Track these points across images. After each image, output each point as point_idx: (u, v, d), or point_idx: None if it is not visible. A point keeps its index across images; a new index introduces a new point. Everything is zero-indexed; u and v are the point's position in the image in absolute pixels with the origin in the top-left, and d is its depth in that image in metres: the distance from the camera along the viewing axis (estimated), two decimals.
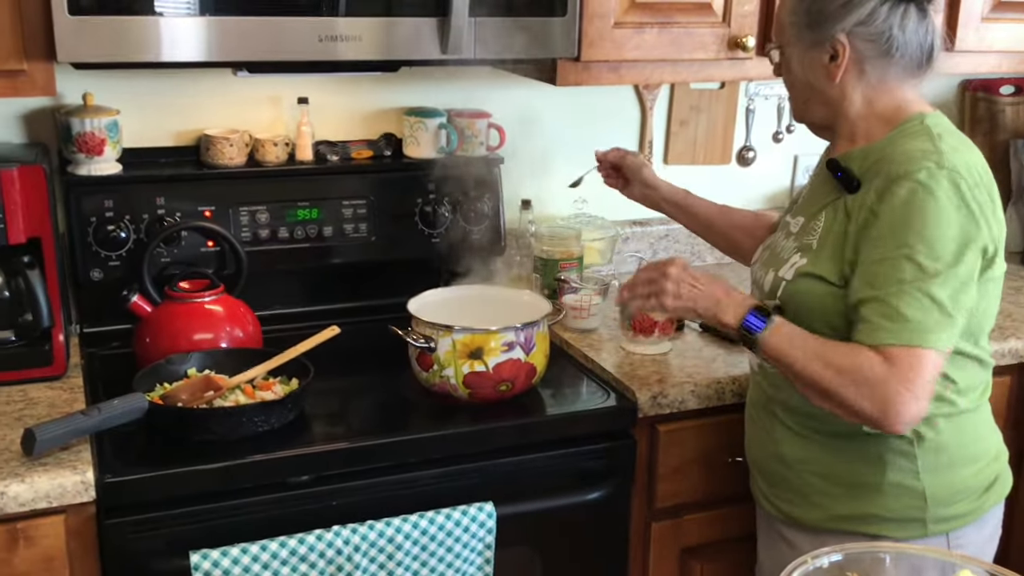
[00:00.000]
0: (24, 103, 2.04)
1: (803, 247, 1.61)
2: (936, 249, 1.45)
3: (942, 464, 1.59)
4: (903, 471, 1.59)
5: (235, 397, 1.73)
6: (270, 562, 1.56)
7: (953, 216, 1.46)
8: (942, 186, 1.46)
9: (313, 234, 2.16)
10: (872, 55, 1.54)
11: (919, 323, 1.44)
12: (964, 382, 1.60)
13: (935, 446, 1.59)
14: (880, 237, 1.48)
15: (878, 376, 1.44)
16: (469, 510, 1.68)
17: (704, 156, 2.62)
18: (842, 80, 1.56)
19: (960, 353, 1.56)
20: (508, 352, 1.79)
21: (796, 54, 1.59)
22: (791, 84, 1.63)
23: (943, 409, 1.58)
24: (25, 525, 1.52)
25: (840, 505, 1.63)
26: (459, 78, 2.34)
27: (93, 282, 2.03)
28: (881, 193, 1.49)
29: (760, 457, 1.76)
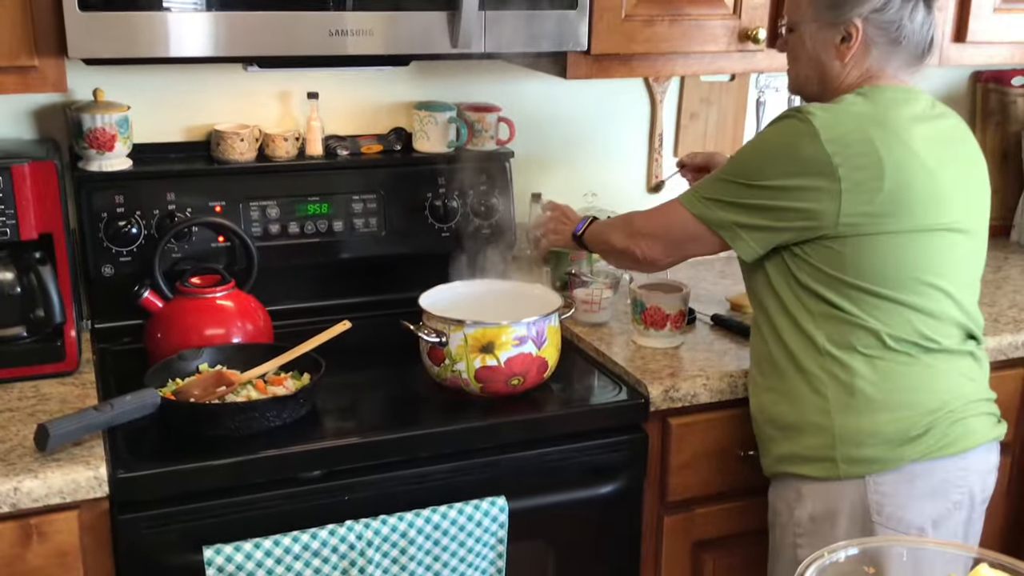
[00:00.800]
0: (35, 99, 2.04)
1: None
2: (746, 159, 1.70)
3: (853, 405, 1.66)
4: (816, 410, 1.68)
5: (247, 392, 1.73)
6: (283, 557, 1.56)
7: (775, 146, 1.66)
8: (787, 122, 1.65)
9: (323, 229, 2.16)
10: (880, 41, 1.67)
11: (698, 193, 1.73)
12: (893, 330, 1.65)
13: (847, 386, 1.66)
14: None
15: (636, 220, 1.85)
16: (481, 504, 1.68)
17: (714, 148, 2.61)
18: (849, 60, 1.69)
19: (884, 298, 1.64)
20: (520, 346, 1.79)
21: (811, 31, 1.70)
22: (796, 58, 1.75)
23: (862, 348, 1.65)
24: (39, 521, 1.52)
25: (778, 447, 1.75)
26: (469, 72, 2.33)
27: (104, 278, 2.03)
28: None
29: (756, 420, 1.85)
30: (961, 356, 1.71)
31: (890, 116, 1.64)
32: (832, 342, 1.67)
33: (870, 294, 1.64)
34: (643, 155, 2.57)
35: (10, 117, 2.04)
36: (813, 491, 1.70)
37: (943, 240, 1.66)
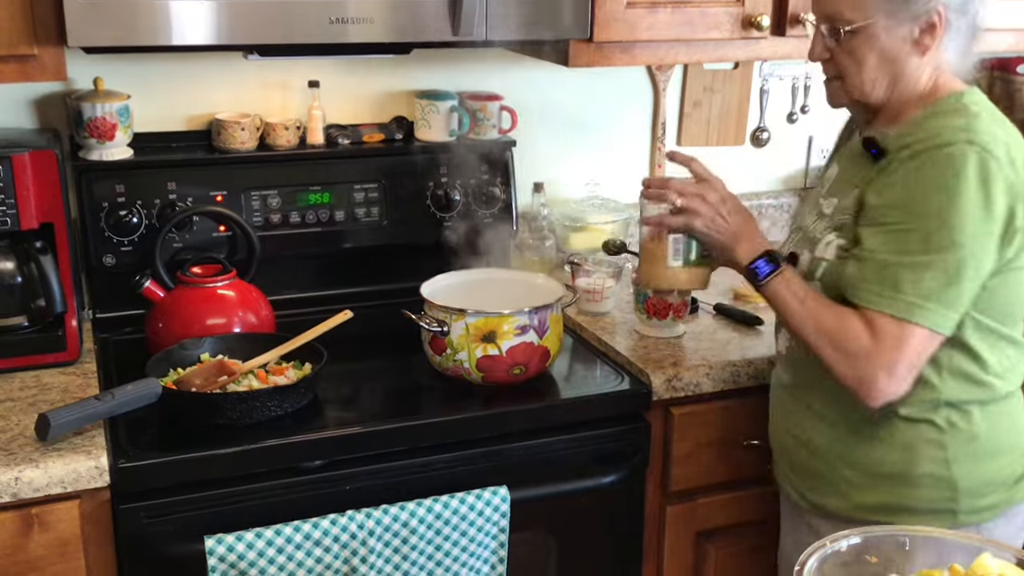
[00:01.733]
0: (35, 88, 2.03)
1: (838, 226, 1.57)
2: (951, 226, 1.42)
3: (974, 454, 1.54)
4: (934, 461, 1.54)
5: (248, 382, 1.73)
6: (284, 546, 1.56)
7: (975, 196, 1.42)
8: (969, 163, 1.42)
9: (325, 218, 2.15)
10: (960, 26, 1.51)
11: (916, 298, 1.43)
12: (1001, 365, 1.55)
13: (968, 435, 1.54)
14: (897, 204, 1.47)
15: (861, 348, 1.46)
16: (483, 494, 1.68)
17: (718, 137, 2.60)
18: (928, 56, 1.51)
19: (994, 333, 1.53)
20: (521, 335, 1.78)
21: (884, 28, 1.50)
22: (859, 61, 1.53)
23: (978, 395, 1.54)
24: (40, 510, 1.52)
25: (868, 495, 1.59)
26: (471, 60, 2.32)
27: (106, 267, 2.03)
28: (905, 163, 1.47)
29: (786, 442, 1.71)
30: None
31: (1016, 133, 1.52)
32: (956, 386, 1.53)
33: (996, 334, 1.53)
34: (646, 144, 2.56)
35: (10, 106, 2.03)
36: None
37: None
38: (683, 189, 1.64)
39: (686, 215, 1.63)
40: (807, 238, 1.64)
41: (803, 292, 1.54)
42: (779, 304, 1.55)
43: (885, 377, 1.45)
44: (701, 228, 1.62)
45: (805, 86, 2.63)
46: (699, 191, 1.64)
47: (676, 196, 1.63)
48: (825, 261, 1.56)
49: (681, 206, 1.63)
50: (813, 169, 2.71)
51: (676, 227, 1.65)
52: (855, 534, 1.07)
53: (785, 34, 2.12)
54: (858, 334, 1.46)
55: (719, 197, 1.64)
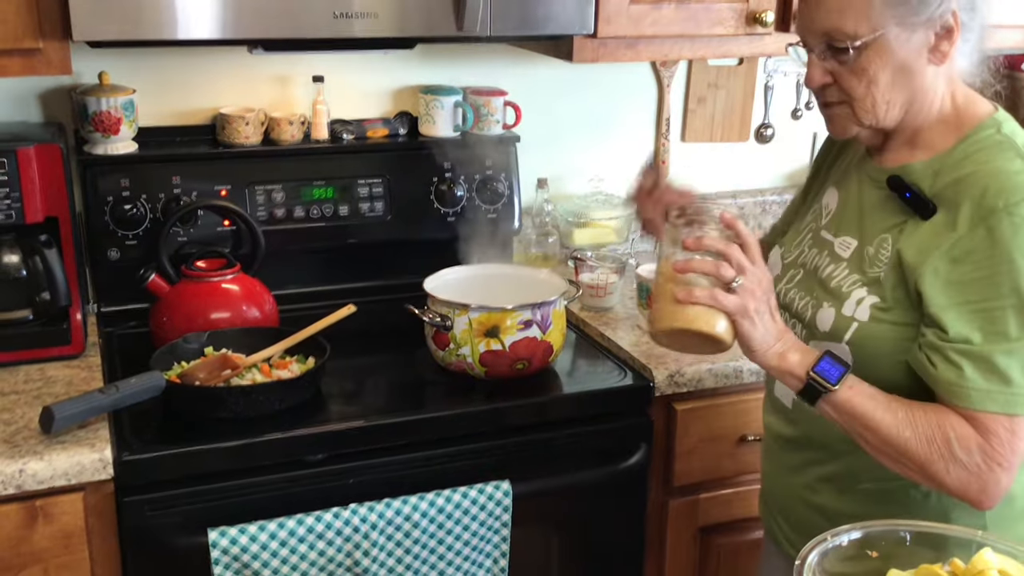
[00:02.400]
0: (40, 82, 2.04)
1: (870, 281, 1.36)
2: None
3: (1012, 514, 1.38)
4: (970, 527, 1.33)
5: (252, 376, 1.74)
6: (287, 539, 1.57)
7: None
8: None
9: (329, 213, 2.16)
10: (972, 27, 1.31)
11: (1021, 387, 1.24)
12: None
13: (1008, 497, 1.33)
14: (979, 280, 1.26)
15: (973, 452, 1.25)
16: (486, 488, 1.68)
17: (722, 134, 2.60)
18: (944, 65, 1.32)
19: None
20: (524, 330, 1.78)
21: (897, 39, 1.29)
22: (871, 80, 1.31)
23: None
24: (44, 502, 1.53)
25: None
26: (475, 55, 2.32)
27: (110, 261, 2.03)
28: (975, 224, 1.26)
29: (787, 502, 1.55)
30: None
31: None
32: None
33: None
34: (650, 140, 2.56)
35: (15, 100, 2.04)
36: None
37: None
38: (745, 265, 1.31)
39: (742, 296, 1.30)
40: (822, 286, 1.43)
41: (881, 394, 1.30)
42: (860, 413, 1.29)
43: (1003, 474, 1.26)
44: (753, 317, 1.30)
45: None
46: (759, 273, 1.32)
47: (734, 273, 1.30)
48: (856, 322, 1.36)
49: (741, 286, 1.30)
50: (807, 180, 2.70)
51: (727, 308, 1.30)
52: (856, 529, 1.08)
53: (789, 30, 2.11)
54: (966, 436, 1.25)
55: (770, 288, 1.34)
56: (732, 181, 2.65)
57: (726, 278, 1.29)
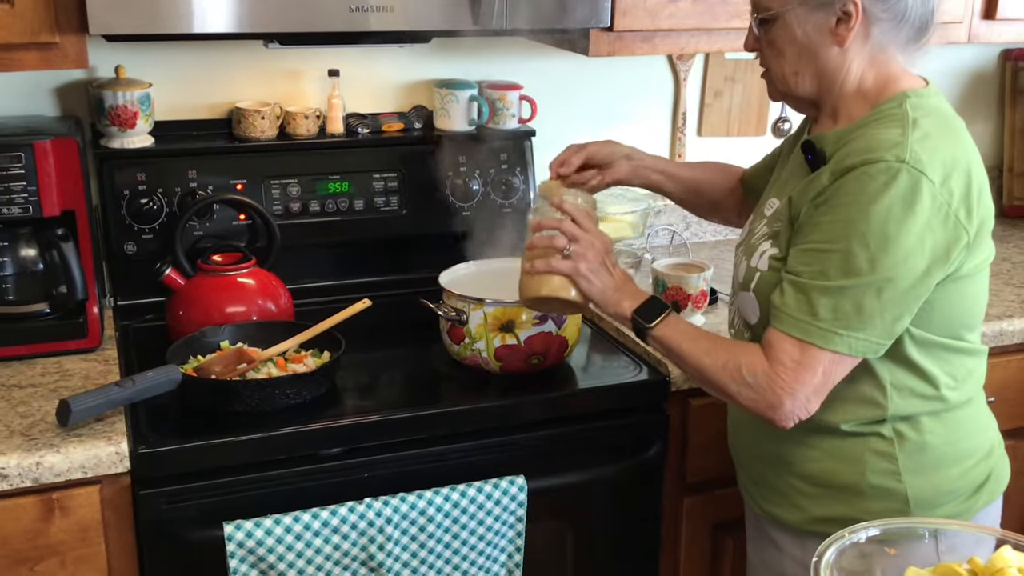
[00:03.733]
0: (57, 76, 2.04)
1: (772, 234, 1.51)
2: (873, 253, 1.35)
3: (926, 464, 1.50)
4: (884, 473, 1.49)
5: (267, 370, 1.74)
6: (302, 533, 1.57)
7: (901, 220, 1.34)
8: (897, 184, 1.34)
9: (344, 207, 2.16)
10: (884, 17, 1.42)
11: (827, 324, 1.38)
12: (952, 377, 1.50)
13: (918, 446, 1.49)
14: (822, 224, 1.40)
15: (757, 376, 1.41)
16: (501, 483, 1.68)
17: (739, 128, 2.59)
18: (849, 45, 1.43)
19: (944, 348, 1.48)
20: (540, 325, 1.78)
21: (798, 17, 1.43)
22: (779, 53, 1.47)
23: (927, 407, 1.49)
24: (60, 495, 1.53)
25: (820, 507, 1.54)
26: (491, 49, 2.32)
27: (127, 255, 2.04)
28: (834, 177, 1.40)
29: (742, 453, 1.69)
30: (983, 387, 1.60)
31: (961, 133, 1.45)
32: (902, 401, 1.48)
33: (943, 347, 1.48)
34: (666, 134, 2.55)
35: (32, 94, 2.04)
36: None
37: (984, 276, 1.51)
38: (575, 233, 1.55)
39: (575, 259, 1.54)
40: (747, 244, 1.58)
41: (693, 331, 1.50)
42: (671, 347, 1.50)
43: (789, 401, 1.40)
44: (585, 274, 1.53)
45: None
46: (589, 238, 1.54)
47: (566, 241, 1.54)
48: (759, 272, 1.50)
49: (572, 251, 1.54)
50: None
51: (562, 271, 1.54)
52: (874, 526, 1.07)
53: None
54: (754, 361, 1.42)
55: (605, 249, 1.55)
56: None
57: (558, 247, 1.55)
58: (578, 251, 1.54)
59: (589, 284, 1.54)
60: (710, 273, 2.02)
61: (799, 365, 1.40)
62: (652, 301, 1.52)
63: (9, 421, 1.59)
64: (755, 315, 1.52)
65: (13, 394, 1.69)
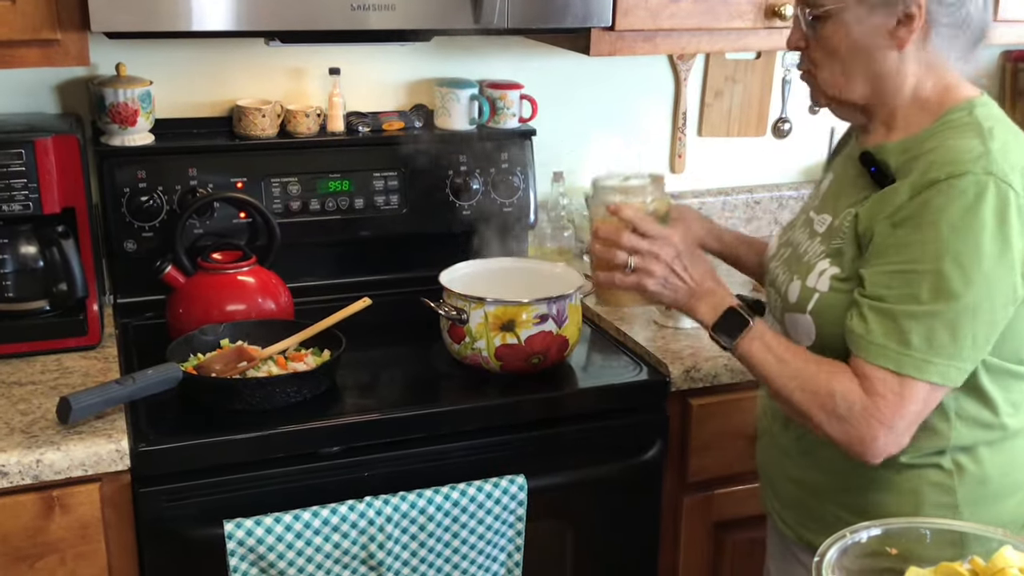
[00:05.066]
0: (57, 73, 2.04)
1: (832, 252, 1.42)
2: (968, 273, 1.27)
3: (985, 496, 1.42)
4: (941, 506, 1.41)
5: (268, 368, 1.74)
6: (303, 532, 1.57)
7: (995, 236, 1.27)
8: (987, 198, 1.27)
9: (344, 206, 2.16)
10: (945, 23, 1.35)
11: (922, 353, 1.29)
12: (1011, 402, 1.41)
13: (978, 477, 1.41)
14: (907, 243, 1.31)
15: (853, 408, 1.32)
16: (501, 482, 1.68)
17: (739, 128, 2.59)
18: (907, 50, 1.36)
19: (1010, 374, 1.39)
20: (540, 325, 1.78)
21: (856, 16, 1.36)
22: (831, 53, 1.39)
23: (986, 436, 1.41)
24: (61, 493, 1.53)
25: None
26: (491, 48, 2.32)
27: (127, 253, 2.04)
28: (916, 192, 1.31)
29: (775, 475, 1.59)
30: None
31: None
32: (966, 431, 1.40)
33: (1008, 373, 1.39)
34: (667, 134, 2.55)
35: (33, 91, 2.04)
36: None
37: None
38: (636, 246, 1.46)
39: (638, 275, 1.46)
40: (798, 260, 1.49)
41: (780, 348, 1.40)
42: (755, 365, 1.41)
43: (885, 433, 1.31)
44: (655, 289, 1.46)
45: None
46: (653, 249, 1.45)
47: (628, 256, 1.46)
48: (818, 293, 1.41)
49: (635, 266, 1.46)
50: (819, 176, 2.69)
51: (628, 287, 1.48)
52: (875, 526, 1.07)
53: None
54: (850, 393, 1.32)
55: (674, 253, 1.46)
56: (749, 176, 2.64)
57: (619, 263, 1.47)
58: (641, 266, 1.45)
59: (660, 294, 1.47)
60: None
61: (900, 398, 1.30)
62: (731, 314, 1.42)
63: (9, 418, 1.59)
64: (809, 339, 1.42)
65: (13, 391, 1.69)
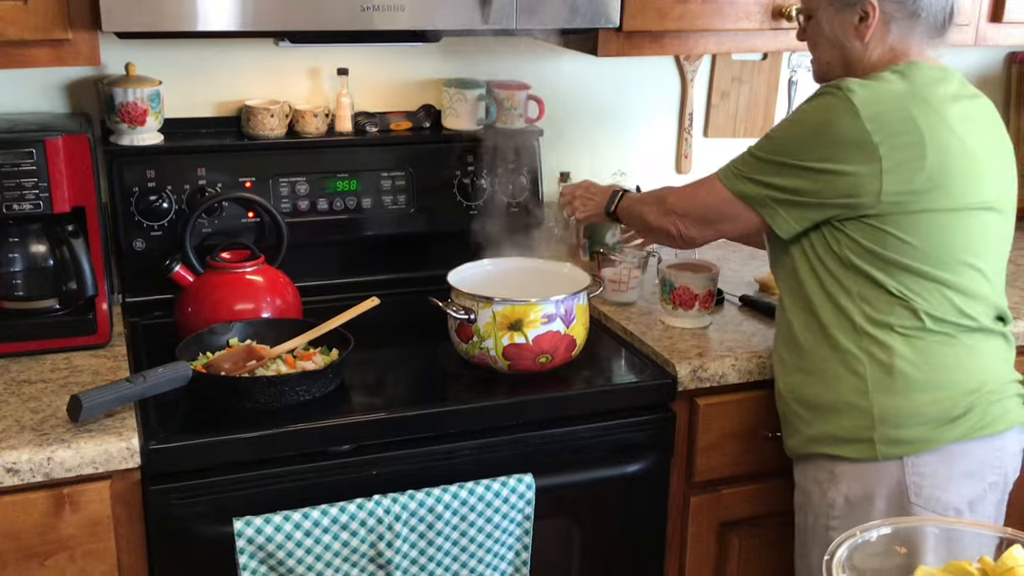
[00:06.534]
0: (67, 73, 2.05)
1: None
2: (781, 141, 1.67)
3: (892, 385, 1.64)
4: (854, 390, 1.66)
5: (276, 367, 1.74)
6: (312, 530, 1.57)
7: (814, 124, 1.62)
8: (823, 100, 1.63)
9: (352, 205, 2.16)
10: (899, 16, 1.66)
11: (734, 166, 1.72)
12: (932, 309, 1.63)
13: (886, 366, 1.64)
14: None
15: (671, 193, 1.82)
16: (508, 481, 1.68)
17: (745, 129, 2.59)
18: (869, 39, 1.67)
19: (923, 276, 1.63)
20: (548, 324, 1.78)
21: (827, 15, 1.70)
22: (816, 44, 1.75)
23: (901, 327, 1.64)
24: (71, 490, 1.54)
25: (809, 427, 1.73)
26: (499, 49, 2.32)
27: (136, 252, 2.04)
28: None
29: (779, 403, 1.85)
30: (995, 336, 1.71)
31: (928, 94, 1.63)
32: (870, 321, 1.65)
33: (910, 272, 1.63)
34: (673, 134, 2.56)
35: (43, 90, 2.05)
36: (848, 472, 1.69)
37: (979, 219, 1.65)
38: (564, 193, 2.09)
39: (569, 209, 2.06)
40: None
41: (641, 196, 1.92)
42: (633, 211, 1.89)
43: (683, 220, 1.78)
44: (580, 212, 2.03)
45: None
46: (568, 190, 2.07)
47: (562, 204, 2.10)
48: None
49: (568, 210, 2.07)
50: None
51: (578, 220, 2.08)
52: (885, 525, 1.07)
53: None
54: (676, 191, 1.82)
55: (580, 187, 2.06)
56: None
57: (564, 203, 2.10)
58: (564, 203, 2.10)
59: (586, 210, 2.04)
60: (716, 274, 2.03)
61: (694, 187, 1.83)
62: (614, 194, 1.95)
63: (20, 416, 1.60)
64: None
65: (24, 389, 1.69)
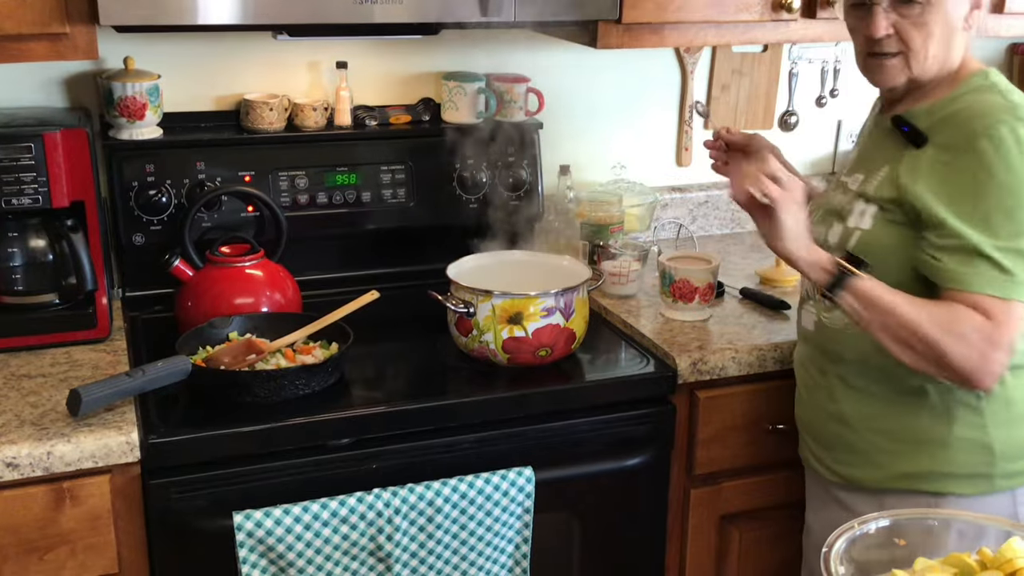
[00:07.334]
0: (66, 67, 2.05)
1: (869, 197, 1.60)
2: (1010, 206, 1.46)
3: (1011, 418, 1.58)
4: (970, 425, 1.57)
5: (276, 361, 1.74)
6: (311, 523, 1.58)
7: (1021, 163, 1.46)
8: (1003, 132, 1.46)
9: (351, 199, 2.16)
10: (984, 4, 1.59)
11: (1015, 276, 1.46)
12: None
13: (1004, 399, 1.57)
14: (969, 191, 1.48)
15: (977, 330, 1.45)
16: (508, 474, 1.68)
17: (746, 121, 2.59)
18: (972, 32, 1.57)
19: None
20: (547, 317, 1.78)
21: (954, 3, 1.53)
22: (931, 34, 1.53)
23: (1011, 361, 1.53)
24: (71, 485, 1.54)
25: (904, 463, 1.61)
26: (498, 41, 2.32)
27: (135, 246, 2.04)
28: (959, 148, 1.50)
29: (814, 418, 1.73)
30: None
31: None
32: None
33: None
34: (673, 127, 2.55)
35: (42, 85, 2.05)
36: (956, 507, 1.59)
37: None
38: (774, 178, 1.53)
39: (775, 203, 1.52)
40: (832, 212, 1.66)
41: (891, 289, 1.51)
42: (875, 296, 1.50)
43: (1000, 353, 1.46)
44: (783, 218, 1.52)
45: (835, 69, 2.62)
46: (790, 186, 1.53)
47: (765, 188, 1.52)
48: (859, 231, 1.59)
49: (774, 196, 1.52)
50: (841, 153, 2.69)
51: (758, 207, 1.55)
52: (884, 517, 1.07)
53: (816, 16, 2.10)
54: (972, 316, 1.45)
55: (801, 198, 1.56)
56: None
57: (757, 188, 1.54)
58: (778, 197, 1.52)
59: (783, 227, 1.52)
60: (717, 266, 2.02)
61: (1009, 318, 1.46)
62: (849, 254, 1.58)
63: (20, 411, 1.60)
64: None
65: (23, 384, 1.69)
